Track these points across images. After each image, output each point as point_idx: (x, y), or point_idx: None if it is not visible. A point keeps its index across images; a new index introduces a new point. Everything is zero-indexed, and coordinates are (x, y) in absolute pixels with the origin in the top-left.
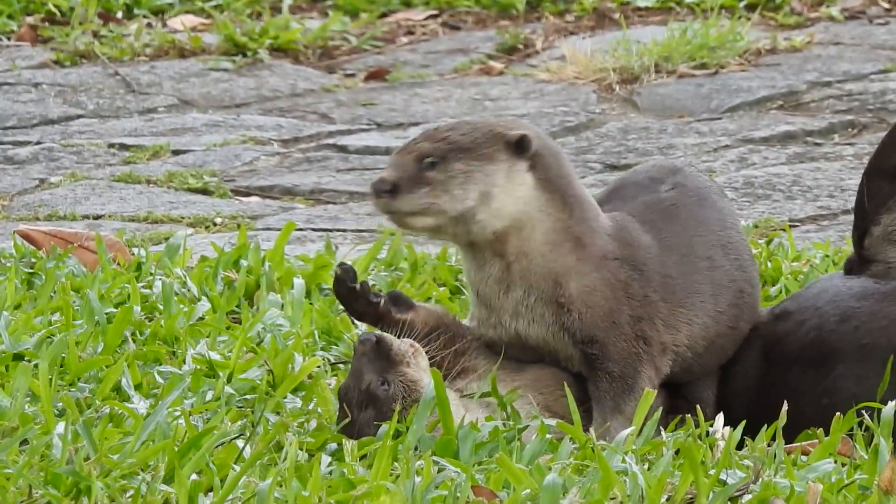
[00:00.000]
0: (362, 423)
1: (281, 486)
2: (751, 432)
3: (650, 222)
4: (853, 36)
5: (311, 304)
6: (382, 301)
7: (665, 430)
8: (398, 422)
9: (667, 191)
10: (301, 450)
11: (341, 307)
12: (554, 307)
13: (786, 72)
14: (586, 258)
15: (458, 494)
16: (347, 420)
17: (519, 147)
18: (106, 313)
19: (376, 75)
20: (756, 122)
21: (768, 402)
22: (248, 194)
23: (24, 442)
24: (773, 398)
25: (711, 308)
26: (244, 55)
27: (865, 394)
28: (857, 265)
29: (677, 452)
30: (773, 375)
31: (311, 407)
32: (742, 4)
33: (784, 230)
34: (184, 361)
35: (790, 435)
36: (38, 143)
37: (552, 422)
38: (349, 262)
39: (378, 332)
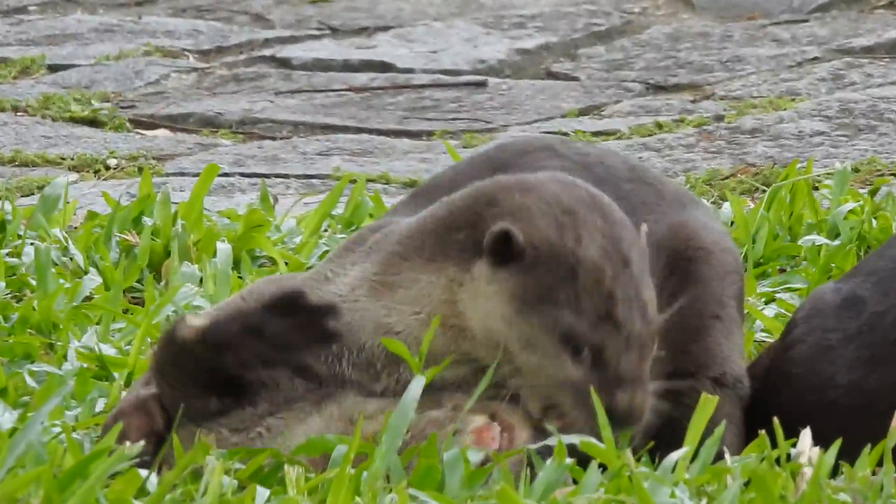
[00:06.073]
0: None
1: None
2: (847, 455)
3: None
4: None
5: (240, 277)
6: None
7: None
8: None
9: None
10: (227, 478)
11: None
12: None
13: None
14: None
15: None
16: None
17: None
18: None
19: None
20: (856, 25)
21: (872, 411)
22: (153, 126)
23: None
24: (879, 406)
25: None
26: None
27: None
28: None
29: (747, 483)
30: (879, 377)
31: None
32: None
33: (895, 175)
34: (65, 357)
35: None
36: None
37: (574, 440)
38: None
39: None
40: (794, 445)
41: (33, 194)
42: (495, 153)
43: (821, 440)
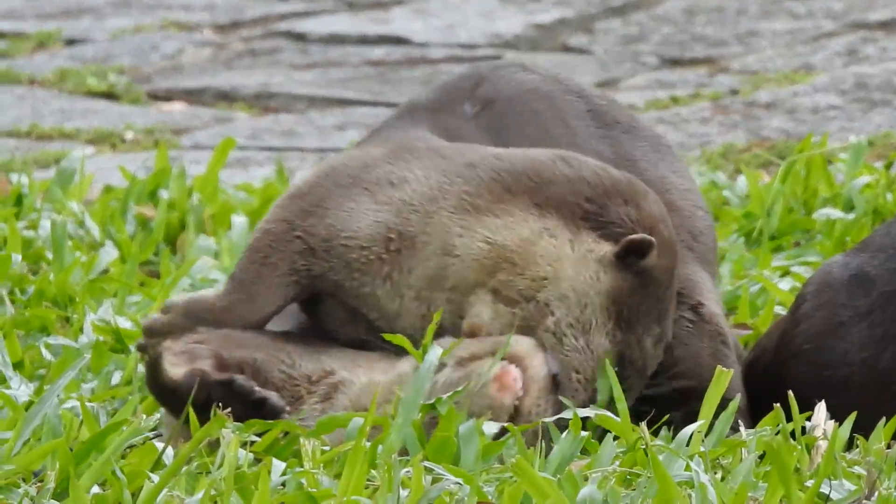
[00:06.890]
0: None
1: (216, 502)
2: (859, 432)
3: None
4: None
5: None
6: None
7: None
8: None
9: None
10: (244, 451)
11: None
12: None
13: None
14: None
15: None
16: None
17: None
18: None
19: None
20: None
21: (886, 390)
22: (169, 99)
23: None
24: (892, 385)
25: None
26: None
27: None
28: None
29: (762, 456)
30: (891, 356)
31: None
32: None
33: None
34: (81, 330)
35: None
36: None
37: (590, 413)
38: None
39: None
40: (808, 419)
41: (50, 168)
42: (471, 70)
43: (833, 416)
